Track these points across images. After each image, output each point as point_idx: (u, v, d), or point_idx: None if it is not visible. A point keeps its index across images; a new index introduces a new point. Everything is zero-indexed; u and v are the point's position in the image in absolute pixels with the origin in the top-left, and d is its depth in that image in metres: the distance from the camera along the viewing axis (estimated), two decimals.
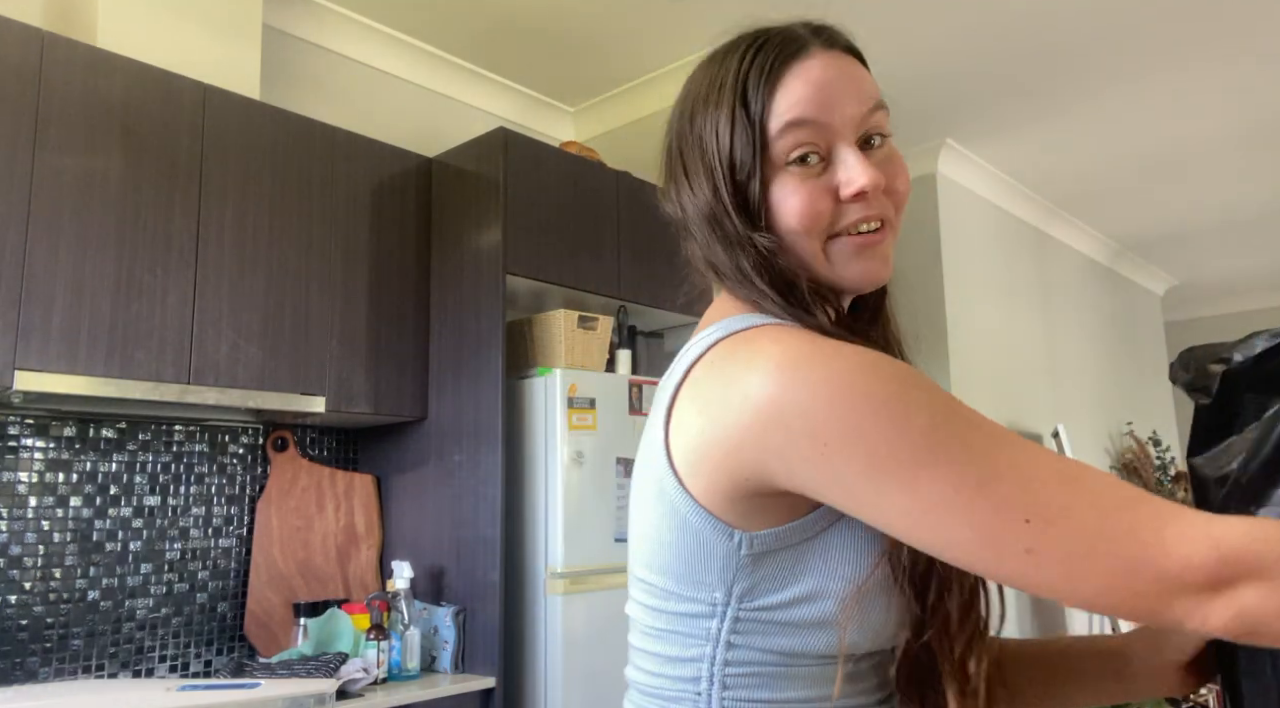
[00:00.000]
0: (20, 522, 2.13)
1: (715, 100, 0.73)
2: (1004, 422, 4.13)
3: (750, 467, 0.62)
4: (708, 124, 0.74)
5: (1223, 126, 3.84)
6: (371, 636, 2.24)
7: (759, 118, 0.71)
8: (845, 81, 0.73)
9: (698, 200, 0.74)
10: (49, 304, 1.92)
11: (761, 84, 0.71)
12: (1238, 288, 6.56)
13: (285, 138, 2.37)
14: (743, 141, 0.71)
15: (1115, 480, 0.57)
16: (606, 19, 2.93)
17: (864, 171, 0.70)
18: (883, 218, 0.72)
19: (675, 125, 0.78)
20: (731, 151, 0.72)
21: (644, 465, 0.72)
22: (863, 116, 0.73)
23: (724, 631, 0.66)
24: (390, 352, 2.54)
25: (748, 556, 0.64)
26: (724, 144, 0.72)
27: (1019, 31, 3.05)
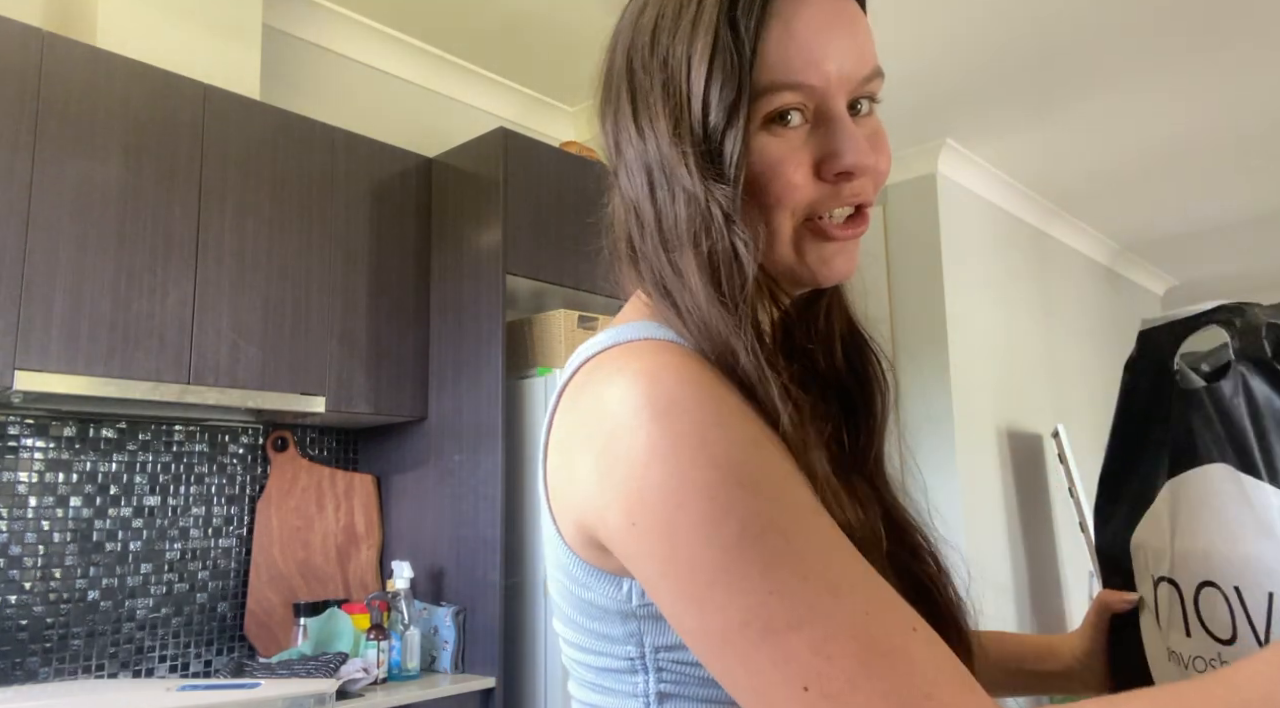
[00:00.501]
0: (20, 522, 2.13)
1: (692, 20, 0.58)
2: (1004, 422, 4.14)
3: (587, 520, 0.54)
4: (678, 48, 0.58)
5: (1223, 126, 3.84)
6: (371, 636, 2.24)
7: (749, 51, 0.56)
8: (848, 30, 0.60)
9: (647, 142, 0.60)
10: (49, 304, 1.92)
11: (753, 13, 0.57)
12: (1238, 288, 6.55)
13: (285, 138, 2.37)
14: (723, 80, 0.56)
15: (941, 663, 0.47)
16: (606, 19, 2.92)
17: (855, 147, 0.59)
18: (863, 202, 0.61)
19: (628, 40, 0.64)
20: (707, 90, 0.57)
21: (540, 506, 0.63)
22: (860, 79, 0.61)
23: (651, 683, 0.57)
24: (390, 352, 2.54)
25: (642, 606, 0.55)
26: (698, 79, 0.57)
27: (1019, 31, 3.05)
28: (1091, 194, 4.61)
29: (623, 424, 0.51)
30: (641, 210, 0.61)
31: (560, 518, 0.58)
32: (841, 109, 0.60)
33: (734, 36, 0.56)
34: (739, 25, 0.57)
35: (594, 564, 0.56)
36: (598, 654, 0.59)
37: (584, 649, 0.60)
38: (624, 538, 0.51)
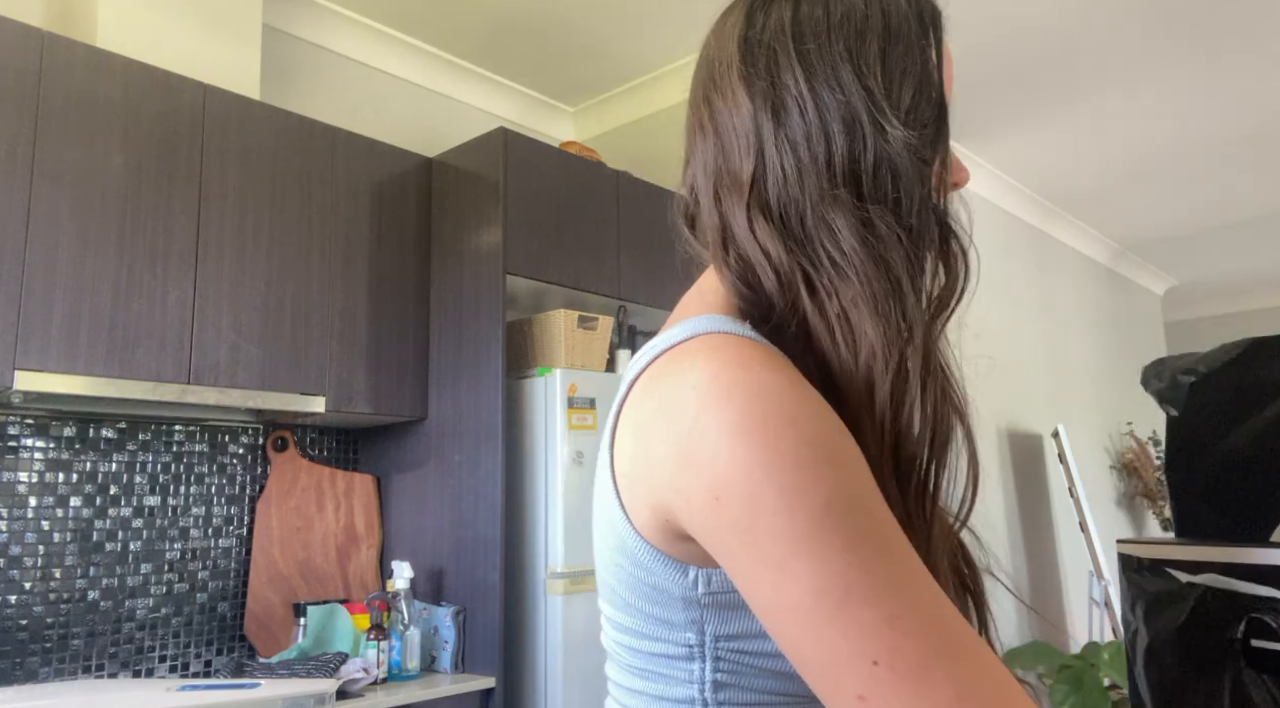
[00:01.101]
0: (20, 522, 2.13)
1: (888, 16, 0.61)
2: (1004, 422, 4.14)
3: (666, 504, 0.54)
4: (870, 38, 0.60)
5: (1222, 127, 3.84)
6: (371, 636, 2.24)
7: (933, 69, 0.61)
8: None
9: (849, 95, 0.58)
10: (49, 304, 1.92)
11: (931, 35, 0.62)
12: (1238, 288, 6.56)
13: (285, 138, 2.37)
14: (917, 79, 0.60)
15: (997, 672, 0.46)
16: (606, 19, 2.93)
17: (964, 167, 0.63)
18: None
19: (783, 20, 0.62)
20: (906, 73, 0.59)
21: (598, 491, 0.63)
22: None
23: (708, 671, 0.57)
24: (390, 351, 2.54)
25: (707, 594, 0.56)
26: (931, 66, 0.61)
27: (1019, 32, 3.05)
28: (1091, 194, 4.61)
29: (710, 405, 0.51)
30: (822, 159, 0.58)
31: (630, 502, 0.58)
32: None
33: (930, 35, 0.62)
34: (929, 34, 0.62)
35: (663, 550, 0.56)
36: (653, 640, 0.59)
37: (636, 634, 0.61)
38: (707, 514, 0.51)
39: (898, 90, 0.58)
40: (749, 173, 0.59)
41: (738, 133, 0.60)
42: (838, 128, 0.58)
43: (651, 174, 3.09)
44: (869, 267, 0.56)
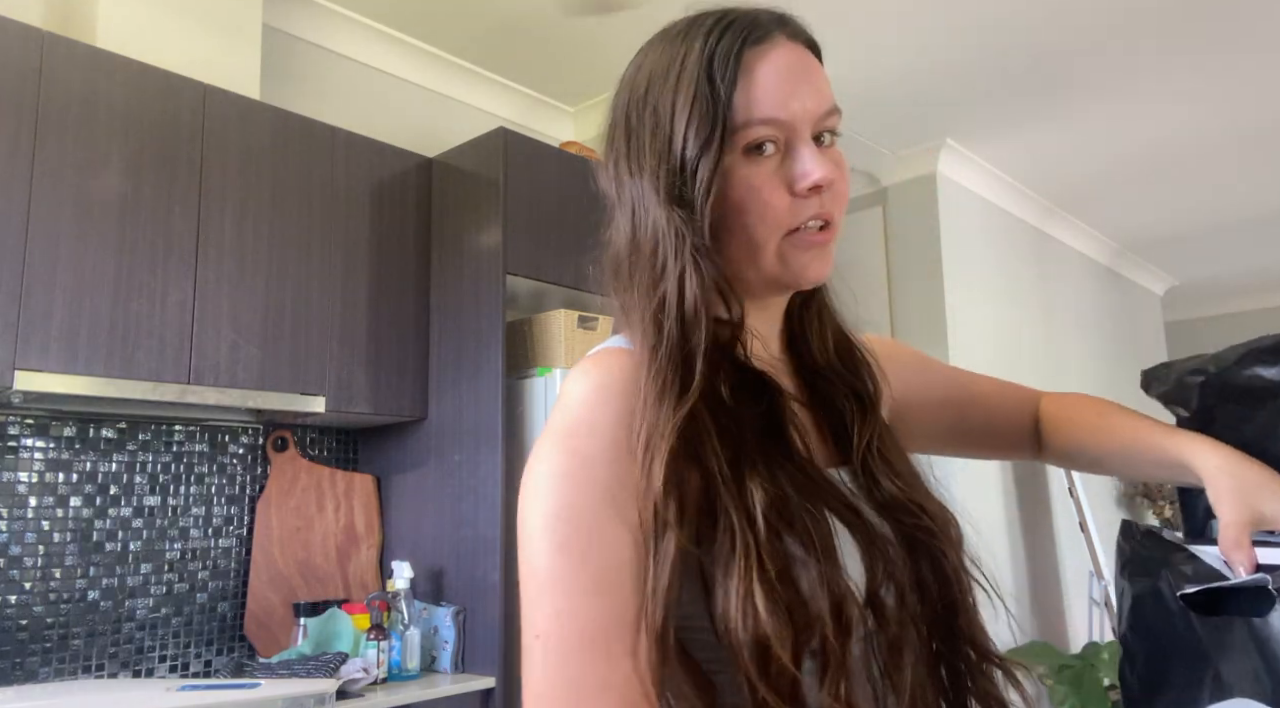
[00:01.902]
0: (20, 522, 2.13)
1: (677, 74, 0.71)
2: None
3: None
4: (664, 99, 0.71)
5: (1222, 127, 3.84)
6: (371, 636, 2.24)
7: (724, 99, 0.69)
8: (807, 76, 0.72)
9: (635, 180, 0.72)
10: (49, 304, 1.92)
11: (728, 66, 0.69)
12: (1238, 288, 6.56)
13: (285, 138, 2.37)
14: (699, 121, 0.69)
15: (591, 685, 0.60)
16: (606, 19, 2.93)
17: (821, 165, 0.69)
18: (830, 217, 0.72)
19: (625, 95, 0.77)
20: (687, 130, 0.69)
21: None
22: (821, 114, 0.72)
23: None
24: (390, 352, 2.54)
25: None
26: (680, 122, 0.69)
27: (1019, 31, 3.05)
28: (1091, 194, 4.61)
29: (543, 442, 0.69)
30: (624, 239, 0.73)
31: None
32: (807, 138, 0.71)
33: (710, 86, 0.69)
34: (715, 77, 0.69)
35: None
36: None
37: None
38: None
39: (680, 136, 0.70)
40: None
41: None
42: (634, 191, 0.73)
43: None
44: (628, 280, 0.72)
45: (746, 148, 0.69)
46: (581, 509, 0.64)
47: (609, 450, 0.64)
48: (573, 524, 0.64)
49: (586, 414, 0.66)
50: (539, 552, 0.65)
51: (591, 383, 0.67)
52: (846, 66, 3.21)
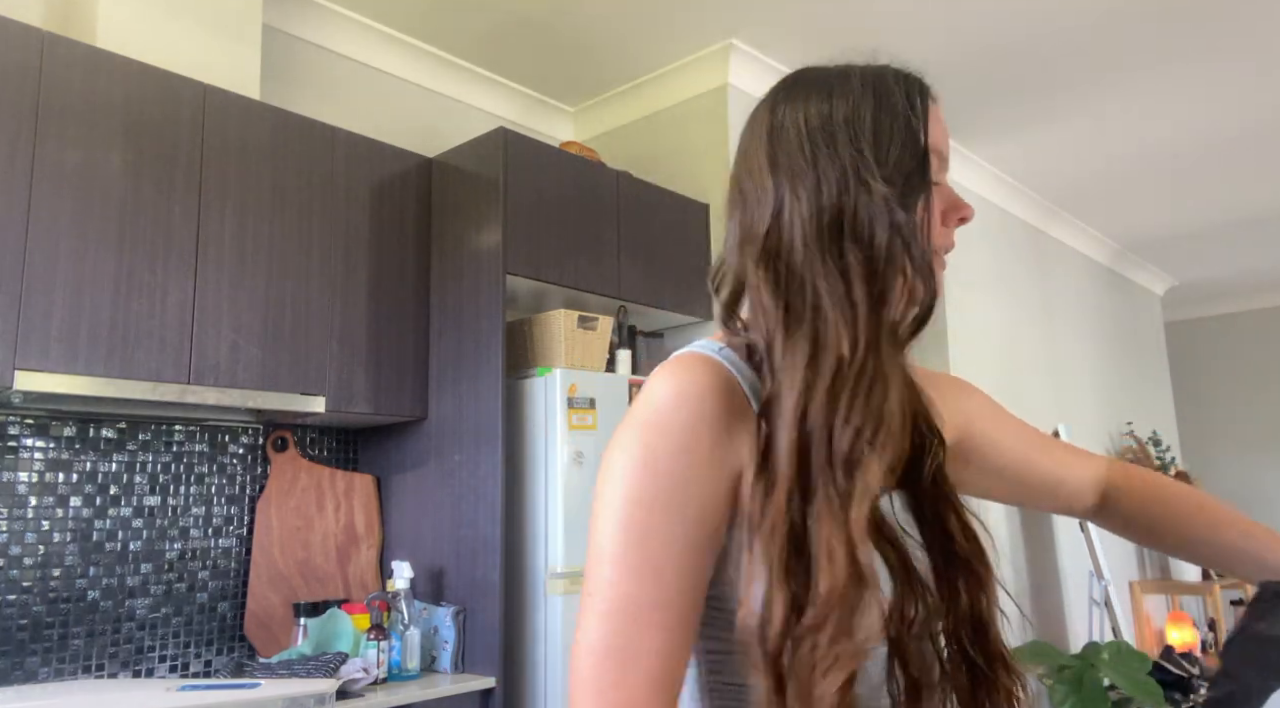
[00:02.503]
0: (20, 522, 2.13)
1: (879, 91, 0.79)
2: None
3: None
4: (864, 114, 0.77)
5: (1222, 127, 3.84)
6: (371, 636, 2.24)
7: (917, 129, 0.77)
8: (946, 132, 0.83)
9: (848, 183, 0.75)
10: (49, 304, 1.92)
11: (913, 103, 0.79)
12: (1238, 288, 6.56)
13: (285, 138, 2.37)
14: (902, 140, 0.76)
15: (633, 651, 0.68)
16: (606, 19, 2.93)
17: (965, 202, 0.80)
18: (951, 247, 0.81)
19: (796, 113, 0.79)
20: (890, 139, 0.76)
21: None
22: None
23: (702, 676, 0.75)
24: (390, 352, 2.54)
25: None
26: (882, 127, 0.76)
27: (1019, 32, 3.05)
28: (1091, 194, 4.61)
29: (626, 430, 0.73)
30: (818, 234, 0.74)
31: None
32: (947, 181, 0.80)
33: (908, 102, 0.79)
34: (912, 103, 0.79)
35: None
36: None
37: None
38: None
39: (885, 152, 0.75)
40: (763, 229, 0.76)
41: (761, 202, 0.77)
42: (832, 189, 0.74)
43: (651, 174, 3.09)
44: (831, 300, 0.72)
45: (934, 178, 0.78)
46: (645, 499, 0.70)
47: (678, 453, 0.70)
48: (636, 511, 0.70)
49: (665, 415, 0.71)
50: (605, 527, 0.71)
51: (675, 386, 0.72)
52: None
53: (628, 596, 0.69)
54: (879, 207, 0.73)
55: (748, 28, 3.00)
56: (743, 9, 2.88)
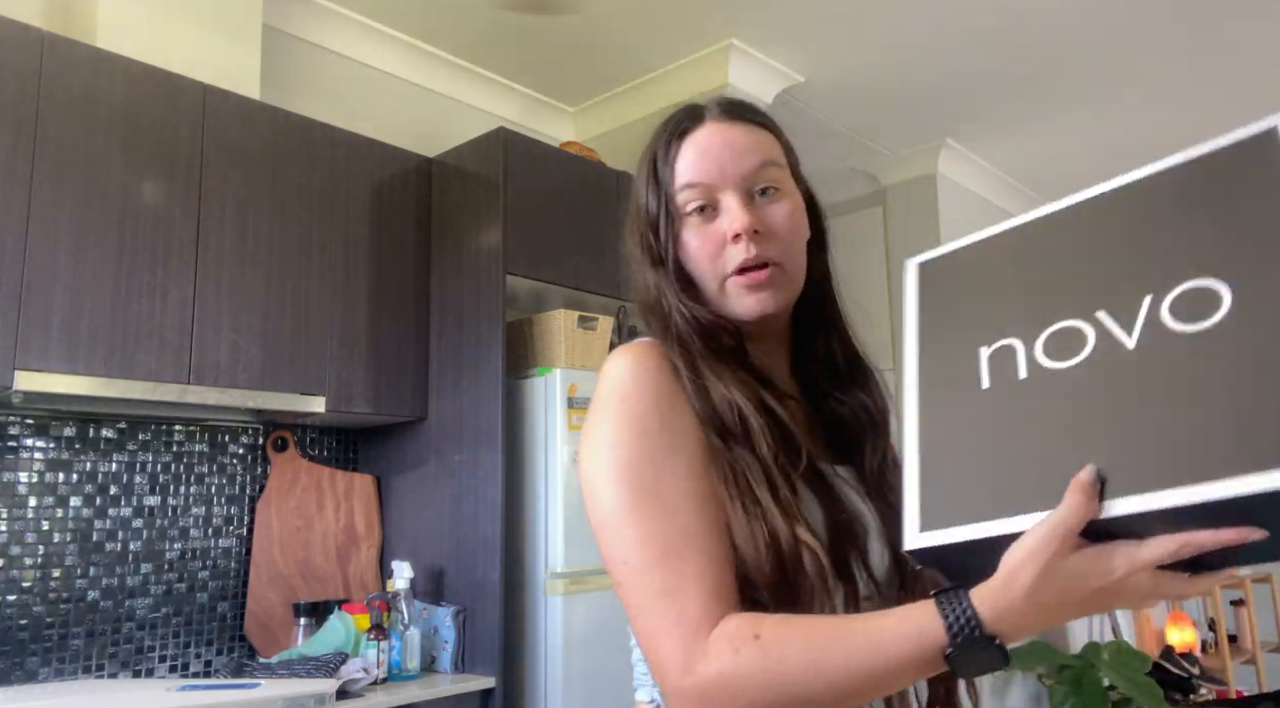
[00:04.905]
0: (20, 522, 2.13)
1: (641, 166, 0.93)
2: None
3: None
4: (636, 185, 0.93)
5: (1222, 127, 3.83)
6: (371, 636, 2.24)
7: (664, 180, 0.89)
8: (729, 147, 0.88)
9: (630, 245, 0.93)
10: (49, 304, 1.92)
11: (666, 151, 0.90)
12: None
13: (285, 138, 2.37)
14: (654, 198, 0.90)
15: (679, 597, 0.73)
16: (606, 19, 2.93)
17: (738, 217, 0.85)
18: (764, 258, 0.86)
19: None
20: (648, 208, 0.91)
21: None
22: (747, 173, 0.87)
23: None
24: (390, 352, 2.54)
25: None
26: (643, 201, 0.92)
27: (1019, 32, 3.05)
28: None
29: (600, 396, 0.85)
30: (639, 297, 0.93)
31: None
32: (733, 195, 0.87)
33: (655, 170, 0.91)
34: (658, 164, 0.91)
35: None
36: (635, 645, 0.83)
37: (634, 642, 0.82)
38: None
39: (645, 219, 0.91)
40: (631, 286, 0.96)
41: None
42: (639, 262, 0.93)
43: None
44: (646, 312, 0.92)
45: (686, 212, 0.88)
46: (644, 453, 0.78)
47: (655, 406, 0.80)
48: (639, 467, 0.77)
49: (632, 382, 0.82)
50: (614, 496, 0.77)
51: (632, 359, 0.84)
52: (847, 67, 3.21)
53: (658, 541, 0.74)
54: (653, 277, 0.90)
55: (748, 28, 3.00)
56: (743, 9, 2.88)
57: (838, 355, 0.94)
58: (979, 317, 0.79)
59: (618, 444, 0.79)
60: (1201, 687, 4.10)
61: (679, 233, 0.89)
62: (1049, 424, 0.70)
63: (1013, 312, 0.78)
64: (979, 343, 0.77)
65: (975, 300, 0.80)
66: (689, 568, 0.73)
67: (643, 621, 0.73)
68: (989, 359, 0.75)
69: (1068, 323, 0.75)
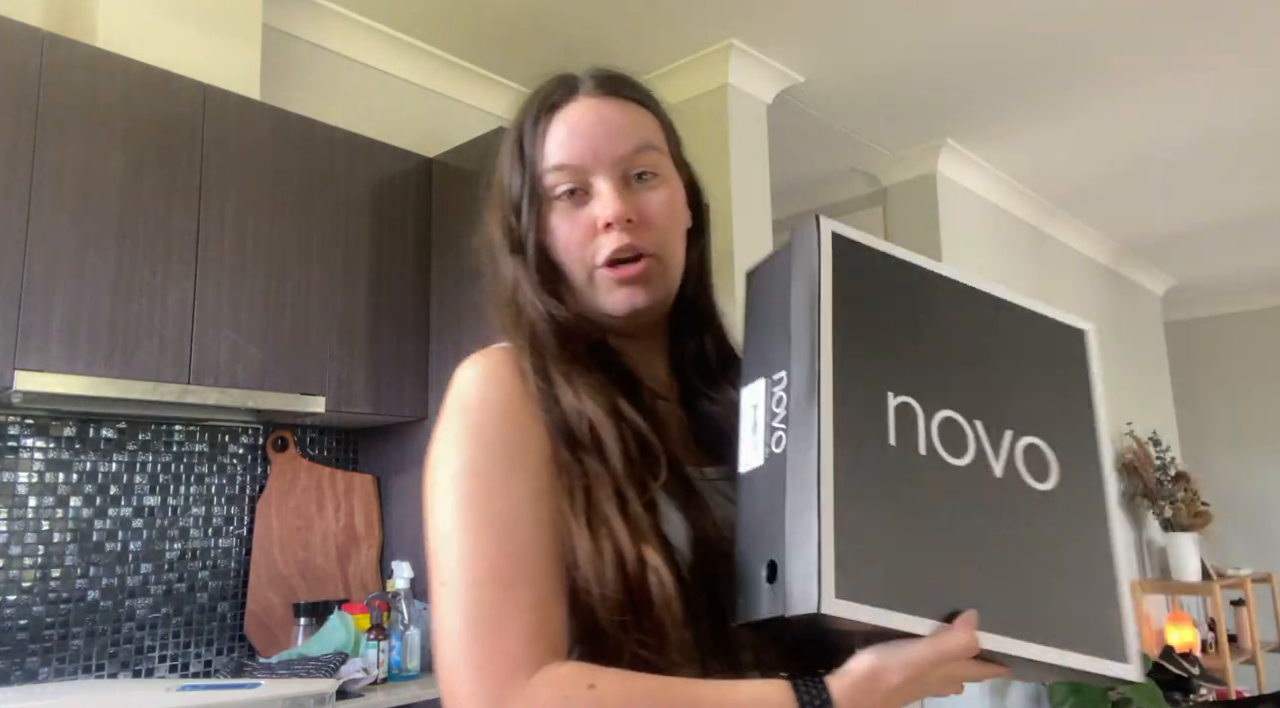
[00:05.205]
0: (20, 522, 2.13)
1: (507, 140, 0.86)
2: None
3: None
4: (500, 161, 0.86)
5: (1222, 127, 3.84)
6: (372, 636, 2.24)
7: (531, 159, 0.82)
8: (604, 126, 0.81)
9: (490, 229, 0.87)
10: (49, 304, 1.92)
11: (535, 126, 0.83)
12: (1238, 288, 6.56)
13: (285, 138, 2.37)
14: (518, 179, 0.83)
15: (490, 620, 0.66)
16: (606, 19, 2.93)
17: (610, 204, 0.78)
18: (638, 249, 0.79)
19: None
20: (510, 189, 0.84)
21: None
22: (623, 156, 0.80)
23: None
24: (390, 352, 2.54)
25: None
26: (506, 181, 0.85)
27: (1019, 31, 3.05)
28: (1091, 194, 4.61)
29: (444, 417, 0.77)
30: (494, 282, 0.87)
31: None
32: (608, 178, 0.80)
33: (520, 150, 0.83)
34: (524, 143, 0.83)
35: None
36: None
37: None
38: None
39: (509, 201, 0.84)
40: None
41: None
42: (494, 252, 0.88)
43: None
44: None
45: (554, 195, 0.81)
46: (481, 465, 0.72)
47: (500, 417, 0.74)
48: (474, 480, 0.71)
49: (478, 391, 0.76)
50: (445, 507, 0.71)
51: (480, 368, 0.78)
52: (847, 66, 3.21)
53: (482, 565, 0.67)
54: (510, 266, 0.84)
55: (748, 28, 3.00)
56: (743, 9, 2.88)
57: (710, 352, 0.88)
58: (891, 356, 0.70)
59: (455, 458, 0.72)
60: (1201, 687, 4.10)
61: (546, 217, 0.81)
62: (949, 526, 0.67)
63: (916, 370, 0.71)
64: (888, 386, 0.69)
65: (891, 331, 0.72)
66: (513, 599, 0.66)
67: (447, 650, 0.66)
68: (895, 412, 0.68)
69: (957, 416, 0.70)
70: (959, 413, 0.70)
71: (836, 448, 0.64)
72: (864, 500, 0.64)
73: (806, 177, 4.21)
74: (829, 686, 0.63)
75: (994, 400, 0.72)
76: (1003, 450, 0.71)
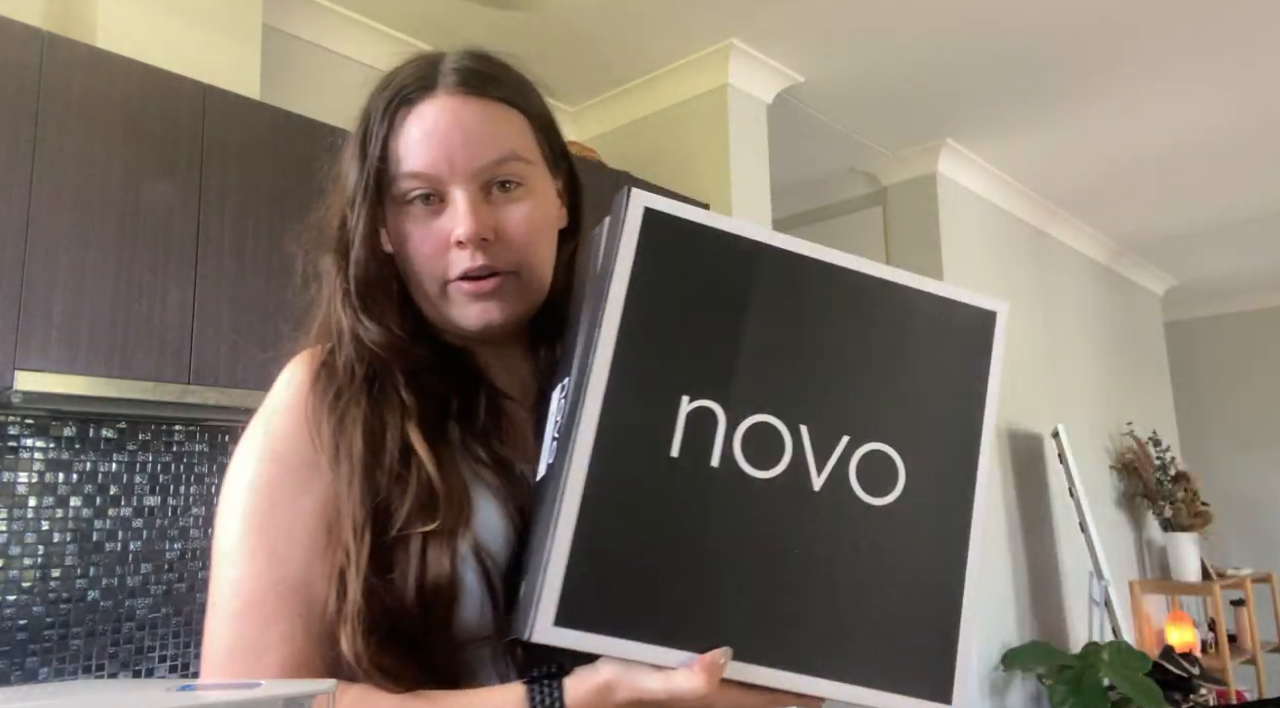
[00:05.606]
0: (20, 522, 2.13)
1: (354, 130, 0.80)
2: (1004, 422, 4.15)
3: None
4: (344, 152, 0.82)
5: (1222, 126, 3.84)
6: None
7: (374, 154, 0.76)
8: (463, 133, 0.73)
9: (324, 219, 0.81)
10: (49, 304, 1.92)
11: (381, 122, 0.77)
12: (1238, 288, 6.56)
13: (285, 137, 2.37)
14: (357, 176, 0.78)
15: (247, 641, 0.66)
16: (605, 19, 2.93)
17: (463, 221, 0.72)
18: (494, 269, 0.74)
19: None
20: (348, 183, 0.79)
21: None
22: (482, 167, 0.74)
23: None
24: None
25: None
26: (346, 174, 0.80)
27: (1019, 31, 3.05)
28: (1091, 194, 4.61)
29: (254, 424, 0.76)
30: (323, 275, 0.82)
31: None
32: (464, 190, 0.73)
33: (365, 143, 0.77)
34: (369, 138, 0.77)
35: None
36: None
37: None
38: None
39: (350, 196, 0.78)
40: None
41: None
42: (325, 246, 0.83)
43: (651, 174, 3.09)
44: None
45: (407, 200, 0.75)
46: (269, 480, 0.69)
47: (298, 428, 0.71)
48: (259, 495, 0.69)
49: (284, 397, 0.74)
50: (230, 520, 0.69)
51: (292, 373, 0.76)
52: (847, 66, 3.21)
53: (250, 596, 0.66)
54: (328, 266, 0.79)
55: (748, 28, 2.99)
56: (743, 9, 2.88)
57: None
58: (694, 354, 0.63)
59: (248, 468, 0.70)
60: (1201, 687, 4.10)
61: (390, 221, 0.76)
62: (728, 548, 0.61)
63: (726, 369, 0.63)
64: (683, 389, 0.62)
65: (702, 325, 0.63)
66: (274, 630, 0.65)
67: (208, 674, 0.66)
68: (687, 418, 0.61)
69: (774, 421, 0.63)
70: (778, 418, 0.63)
71: (595, 462, 0.59)
72: (617, 521, 0.59)
73: (806, 177, 4.21)
74: (565, 690, 0.62)
75: (832, 402, 0.65)
76: (831, 460, 0.64)
